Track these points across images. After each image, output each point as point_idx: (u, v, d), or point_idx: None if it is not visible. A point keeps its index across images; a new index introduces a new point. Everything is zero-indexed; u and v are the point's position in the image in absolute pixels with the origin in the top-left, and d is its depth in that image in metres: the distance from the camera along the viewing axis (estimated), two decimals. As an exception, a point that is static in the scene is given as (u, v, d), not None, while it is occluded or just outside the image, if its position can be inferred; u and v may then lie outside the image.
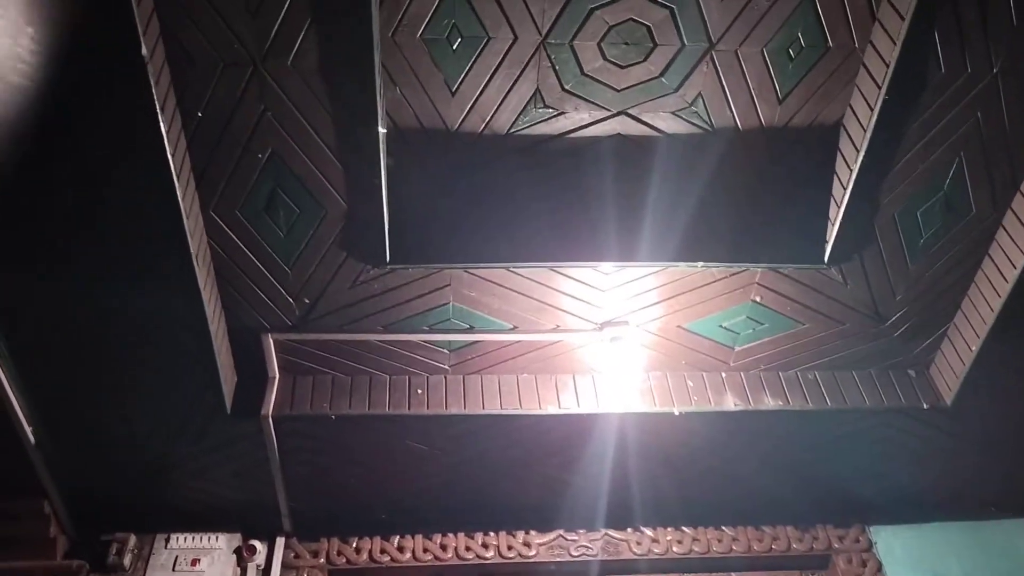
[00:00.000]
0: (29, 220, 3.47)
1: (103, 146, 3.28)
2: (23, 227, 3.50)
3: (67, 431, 4.22)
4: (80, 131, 3.23)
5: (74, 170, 3.34)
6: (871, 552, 4.89)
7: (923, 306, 4.39)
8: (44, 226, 3.51)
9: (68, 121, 3.20)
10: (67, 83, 3.08)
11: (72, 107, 3.16)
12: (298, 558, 4.67)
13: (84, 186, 3.39)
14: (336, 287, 4.06)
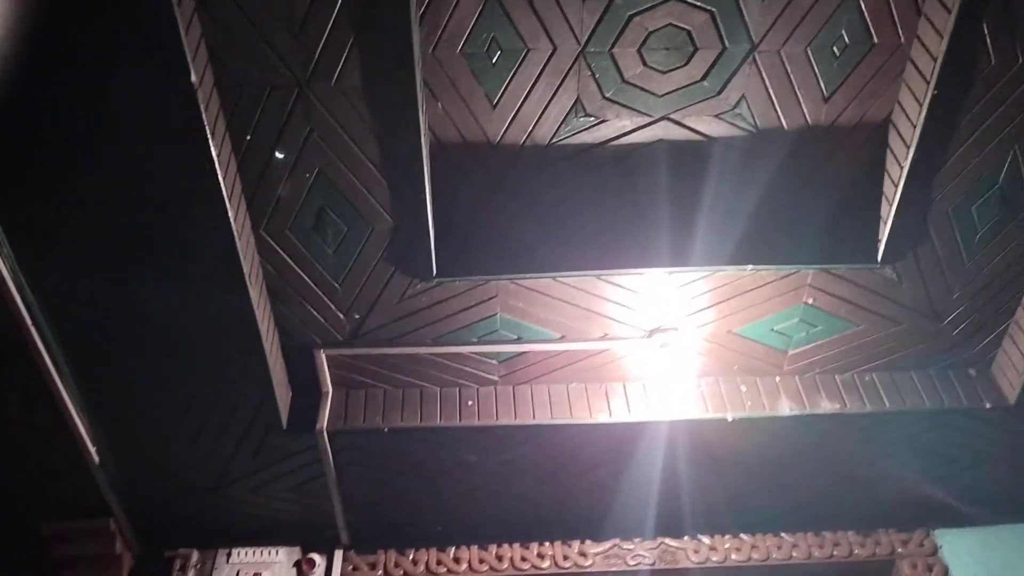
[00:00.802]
0: (86, 236, 3.57)
1: (156, 169, 3.36)
2: (82, 250, 3.60)
3: (129, 451, 4.33)
4: (134, 154, 3.32)
5: (128, 193, 3.43)
6: (936, 556, 4.77)
7: (982, 303, 4.28)
8: (102, 249, 3.61)
9: (122, 145, 3.29)
10: (119, 110, 3.16)
11: (125, 130, 3.24)
12: (356, 570, 4.72)
13: (139, 209, 3.48)
14: (385, 302, 4.10)
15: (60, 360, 3.89)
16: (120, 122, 3.22)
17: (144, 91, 3.11)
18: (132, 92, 3.12)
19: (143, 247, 3.61)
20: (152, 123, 3.21)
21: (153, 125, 3.22)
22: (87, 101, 3.15)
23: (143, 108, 3.17)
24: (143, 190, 3.43)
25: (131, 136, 3.26)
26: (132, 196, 3.44)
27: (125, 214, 3.51)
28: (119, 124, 3.23)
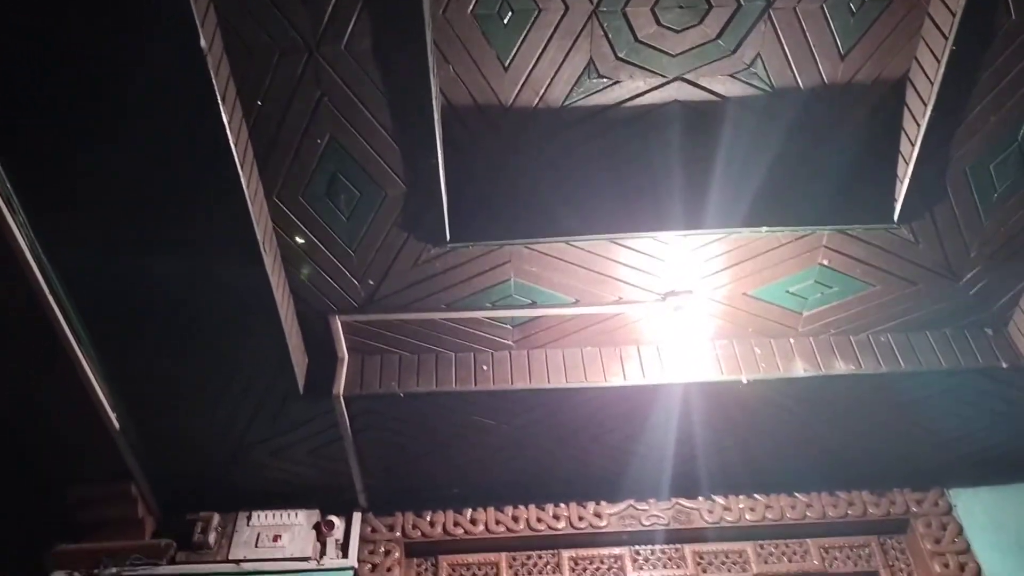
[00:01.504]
0: (100, 206, 3.59)
1: (168, 137, 3.36)
2: (98, 220, 3.63)
3: (149, 417, 4.38)
4: (145, 123, 3.32)
5: (141, 162, 3.43)
6: (951, 515, 4.78)
7: (999, 262, 4.24)
8: (117, 218, 3.63)
9: (132, 114, 3.28)
10: (129, 78, 3.16)
11: (135, 98, 3.23)
12: (375, 532, 4.78)
13: (152, 178, 3.49)
14: (399, 267, 4.11)
15: (79, 329, 3.92)
16: (130, 90, 3.20)
17: (154, 58, 3.10)
18: (142, 59, 3.10)
19: (157, 216, 3.61)
20: (163, 90, 3.20)
21: (164, 92, 3.21)
22: (97, 70, 3.14)
23: (153, 75, 3.15)
24: (155, 158, 3.42)
25: (142, 104, 3.24)
26: (145, 165, 3.44)
27: (138, 183, 3.50)
28: (129, 92, 3.21)
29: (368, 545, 4.73)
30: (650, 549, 4.79)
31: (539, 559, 4.78)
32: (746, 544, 4.80)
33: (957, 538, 4.68)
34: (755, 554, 4.76)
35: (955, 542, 4.67)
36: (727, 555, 4.77)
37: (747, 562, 4.73)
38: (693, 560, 4.73)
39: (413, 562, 4.80)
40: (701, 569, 4.71)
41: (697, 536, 4.82)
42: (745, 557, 4.75)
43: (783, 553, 4.77)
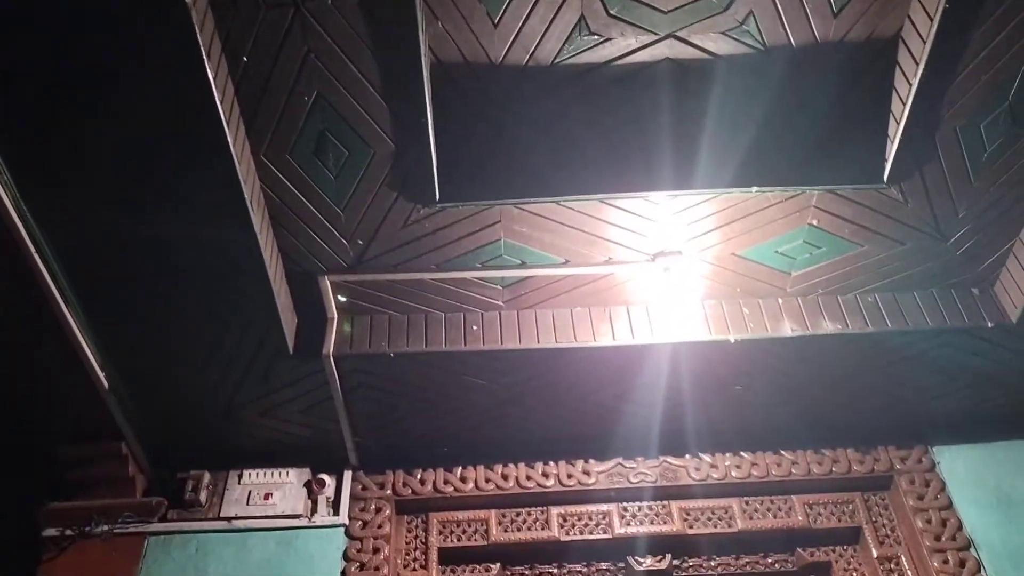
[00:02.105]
0: (85, 166, 3.55)
1: (153, 95, 3.31)
2: (83, 178, 3.59)
3: (138, 376, 4.38)
4: (130, 80, 3.27)
5: (127, 120, 3.39)
6: (934, 472, 4.86)
7: (987, 222, 4.26)
8: (103, 176, 3.59)
9: (116, 71, 3.24)
10: (111, 34, 3.10)
11: (118, 55, 3.18)
12: (365, 490, 4.82)
13: (138, 136, 3.44)
14: (388, 227, 4.09)
15: (66, 288, 3.90)
16: (114, 47, 3.15)
17: (137, 12, 3.04)
18: (126, 16, 3.05)
19: (144, 175, 3.58)
20: (146, 47, 3.15)
21: (147, 49, 3.16)
22: (80, 28, 3.08)
23: (137, 31, 3.10)
24: (141, 116, 3.37)
25: (125, 61, 3.19)
26: (130, 124, 3.40)
27: (123, 142, 3.46)
28: (113, 50, 3.16)
29: (359, 503, 4.77)
30: (637, 505, 4.85)
31: (528, 515, 4.83)
32: (732, 500, 4.86)
33: (939, 494, 4.76)
34: (740, 510, 4.83)
35: (937, 498, 4.74)
36: (713, 511, 4.83)
37: (732, 518, 4.80)
38: (680, 516, 4.80)
39: (404, 519, 4.85)
40: (687, 525, 4.78)
41: (684, 493, 4.88)
42: (731, 513, 4.82)
43: (768, 509, 4.84)
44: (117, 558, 4.45)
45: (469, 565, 4.75)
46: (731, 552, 4.83)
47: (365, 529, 4.67)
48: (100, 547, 4.48)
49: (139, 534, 4.55)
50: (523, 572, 4.80)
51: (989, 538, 4.58)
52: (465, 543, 4.75)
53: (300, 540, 4.58)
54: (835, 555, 4.78)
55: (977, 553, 4.53)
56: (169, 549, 4.51)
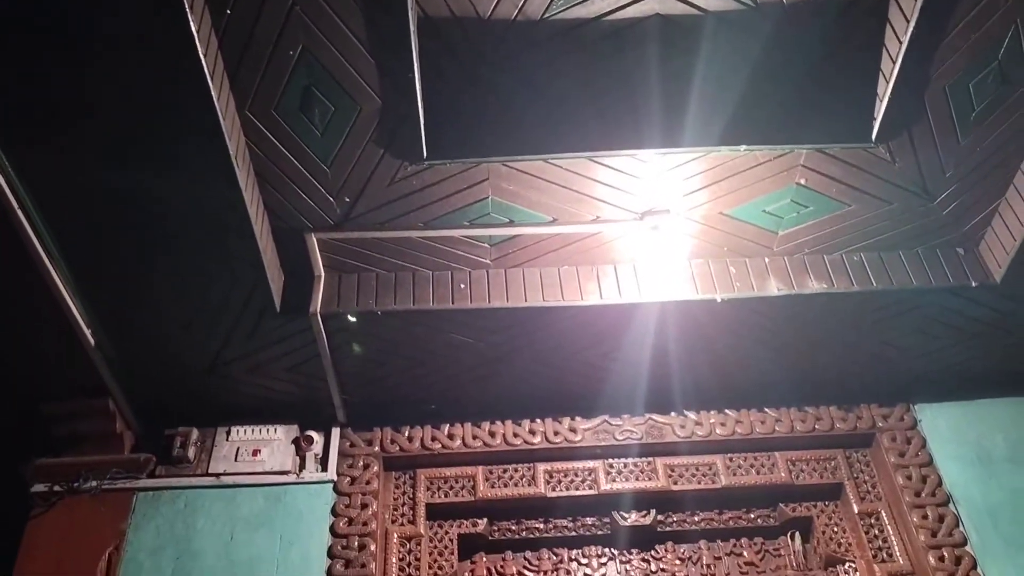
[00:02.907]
0: (68, 121, 3.51)
1: (136, 48, 3.26)
2: (67, 134, 3.54)
3: (124, 333, 4.37)
4: (113, 34, 3.21)
5: (110, 74, 3.34)
6: (916, 430, 4.92)
7: (974, 182, 4.27)
8: (86, 132, 3.55)
9: (99, 25, 3.18)
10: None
11: (101, 7, 3.12)
12: (353, 447, 4.85)
13: (122, 91, 3.39)
14: (375, 185, 4.06)
15: (50, 245, 3.88)
16: (93, 1, 3.10)
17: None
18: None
19: (128, 130, 3.53)
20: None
21: (128, 1, 3.10)
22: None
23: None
24: (124, 71, 3.32)
25: (107, 15, 3.14)
26: (113, 77, 3.34)
27: (106, 96, 3.41)
28: (93, 3, 3.10)
29: (347, 459, 4.80)
30: (623, 462, 4.91)
31: (515, 472, 4.88)
32: (716, 457, 4.92)
33: (920, 451, 4.83)
34: (724, 467, 4.89)
35: (918, 455, 4.82)
36: (697, 468, 4.89)
37: (716, 474, 4.87)
38: (664, 473, 4.86)
39: (392, 475, 4.89)
40: (672, 481, 4.84)
41: (669, 450, 4.93)
42: (715, 469, 4.88)
43: (751, 466, 4.90)
44: (105, 513, 4.47)
45: (457, 520, 4.81)
46: (714, 507, 4.90)
47: (353, 485, 4.70)
48: (88, 503, 4.50)
49: (127, 490, 4.57)
50: (510, 527, 4.86)
51: (968, 494, 4.66)
52: (453, 499, 4.80)
53: (289, 496, 4.62)
54: (816, 510, 4.86)
55: (956, 508, 4.62)
56: (158, 505, 4.54)
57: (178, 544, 4.41)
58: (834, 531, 4.78)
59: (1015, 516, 4.57)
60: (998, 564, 4.42)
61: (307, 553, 4.43)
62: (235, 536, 4.45)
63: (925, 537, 4.51)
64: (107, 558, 4.34)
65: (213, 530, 4.47)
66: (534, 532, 4.85)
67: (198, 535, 4.45)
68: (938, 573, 4.39)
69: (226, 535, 4.45)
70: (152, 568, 4.33)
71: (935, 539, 4.51)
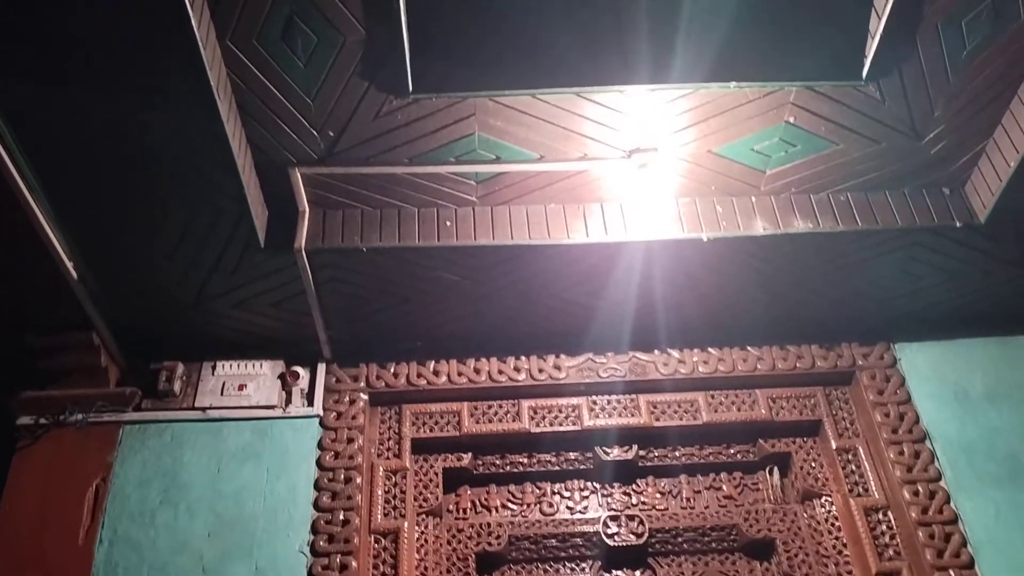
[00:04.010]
0: (46, 50, 3.43)
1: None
2: (44, 64, 3.46)
3: (107, 266, 4.34)
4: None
5: (88, 3, 3.26)
6: (895, 368, 4.99)
7: (962, 122, 4.25)
8: (65, 62, 3.47)
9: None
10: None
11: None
12: (339, 382, 4.88)
13: (100, 18, 3.31)
14: (360, 119, 4.00)
15: (30, 178, 3.82)
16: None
17: None
18: None
19: (106, 59, 3.45)
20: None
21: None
22: None
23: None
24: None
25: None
26: (94, 7, 3.26)
27: (85, 25, 3.32)
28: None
29: (333, 395, 4.83)
30: (606, 399, 4.97)
31: (499, 408, 4.93)
32: (698, 394, 4.98)
33: (899, 389, 4.91)
34: (706, 403, 4.96)
35: (897, 393, 4.89)
36: (679, 404, 4.96)
37: (698, 411, 4.94)
38: (647, 409, 4.92)
39: (377, 411, 4.93)
40: (654, 418, 4.91)
41: (652, 387, 4.99)
42: (696, 406, 4.95)
43: (732, 402, 4.97)
44: (92, 446, 4.50)
45: (442, 455, 4.87)
46: (695, 443, 4.99)
47: (339, 420, 4.75)
48: (75, 435, 4.52)
49: (114, 423, 4.59)
50: (494, 461, 4.93)
51: (944, 431, 4.75)
52: (438, 434, 4.86)
53: (275, 430, 4.66)
54: (795, 446, 4.95)
55: (932, 445, 4.71)
56: (144, 438, 4.57)
57: (165, 476, 4.46)
58: (812, 466, 4.88)
59: (989, 452, 4.67)
60: (971, 498, 4.53)
61: (294, 485, 4.49)
62: (222, 469, 4.50)
63: (901, 472, 4.61)
64: (94, 489, 4.38)
65: (200, 463, 4.51)
66: (518, 466, 4.92)
67: (185, 468, 4.49)
68: (912, 507, 4.50)
69: (213, 468, 4.50)
70: (139, 500, 4.38)
71: (910, 474, 4.61)
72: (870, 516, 4.60)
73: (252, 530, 4.33)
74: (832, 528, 4.70)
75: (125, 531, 4.29)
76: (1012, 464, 4.63)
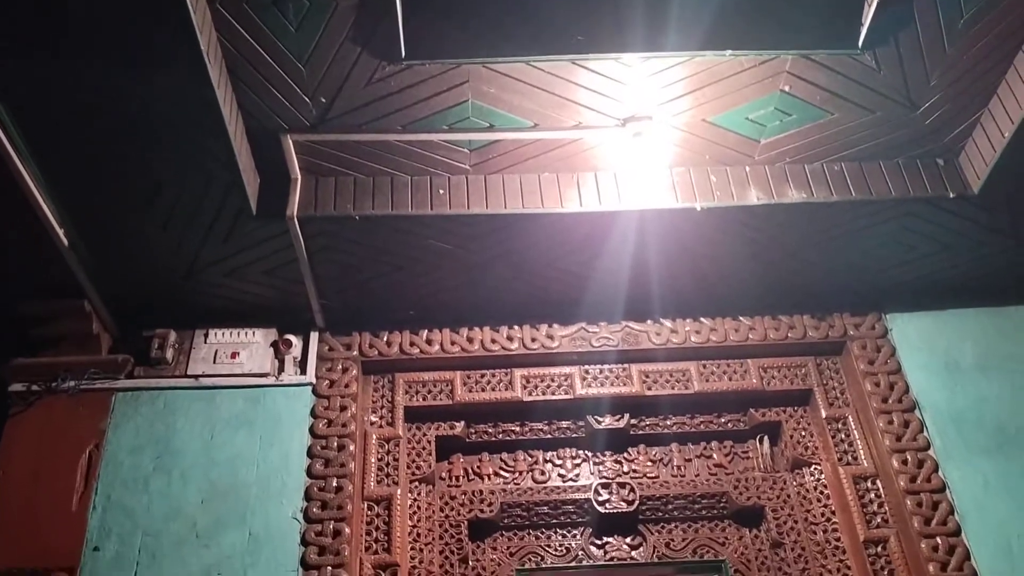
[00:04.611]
0: (35, 18, 3.39)
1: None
2: (33, 27, 3.41)
3: (98, 234, 4.31)
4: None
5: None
6: (886, 339, 5.01)
7: (958, 91, 4.23)
8: (53, 25, 3.42)
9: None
10: None
11: None
12: (332, 351, 4.88)
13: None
14: (352, 85, 3.97)
15: (19, 143, 3.78)
16: None
17: None
18: None
19: (95, 23, 3.40)
20: None
21: None
22: None
23: None
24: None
25: None
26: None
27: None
28: None
29: (326, 363, 4.84)
30: (599, 368, 4.98)
31: (492, 377, 4.95)
32: (690, 364, 5.00)
33: (890, 359, 4.93)
34: (697, 373, 4.98)
35: (887, 363, 4.92)
36: (671, 374, 4.98)
37: (689, 380, 4.96)
38: (639, 378, 4.94)
39: (370, 379, 4.94)
40: (646, 387, 4.93)
41: (644, 356, 5.00)
42: (688, 376, 4.97)
43: (724, 372, 5.00)
44: (85, 413, 4.50)
45: (435, 423, 4.89)
46: (686, 412, 5.02)
47: (332, 388, 4.75)
48: (67, 402, 4.52)
49: (106, 390, 4.58)
50: (487, 430, 4.95)
51: (933, 400, 4.78)
52: (431, 402, 4.88)
53: (268, 397, 4.66)
54: (785, 415, 4.98)
55: (921, 414, 4.74)
56: (137, 405, 4.57)
57: (158, 443, 4.46)
58: (802, 435, 4.92)
59: (978, 421, 4.70)
60: (959, 467, 4.57)
61: (287, 452, 4.50)
62: (215, 436, 4.51)
63: (890, 441, 4.65)
64: (87, 456, 4.39)
65: (193, 430, 4.52)
66: (510, 435, 4.95)
67: (178, 435, 4.50)
68: (900, 475, 4.54)
69: (206, 435, 4.51)
70: (133, 466, 4.39)
71: (899, 443, 4.65)
72: (859, 484, 4.65)
73: (245, 497, 4.35)
74: (821, 496, 4.75)
75: (119, 497, 4.31)
76: (1000, 434, 4.67)
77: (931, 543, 4.35)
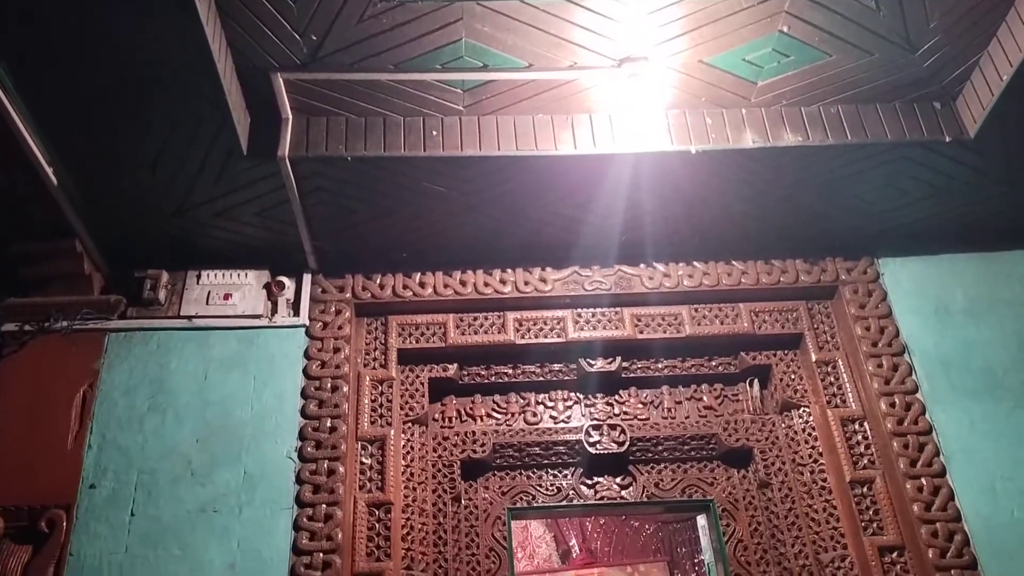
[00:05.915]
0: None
1: None
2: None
3: (88, 173, 4.26)
4: None
5: None
6: (878, 283, 5.03)
7: (957, 33, 4.18)
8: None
9: None
10: None
11: None
12: (325, 293, 4.88)
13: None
14: (343, 22, 3.90)
15: (7, 81, 3.72)
16: None
17: None
18: None
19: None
20: None
21: None
22: None
23: None
24: None
25: None
26: None
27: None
28: None
29: (319, 305, 4.84)
30: (591, 312, 5.00)
31: (485, 320, 4.96)
32: (682, 308, 5.02)
33: (881, 304, 4.95)
34: (689, 317, 5.01)
35: (878, 307, 4.94)
36: (663, 317, 5.00)
37: (681, 324, 4.99)
38: (631, 322, 4.96)
39: (363, 321, 4.95)
40: (638, 331, 4.95)
41: (637, 300, 5.02)
42: (680, 319, 5.00)
43: (715, 316, 5.02)
44: (78, 353, 4.51)
45: (428, 365, 4.92)
46: (678, 356, 5.06)
47: (325, 330, 4.76)
48: (60, 342, 4.52)
49: (99, 330, 4.59)
50: (479, 372, 4.99)
51: (923, 344, 4.82)
52: (424, 344, 4.90)
53: (261, 339, 4.67)
54: (775, 359, 5.02)
55: (910, 358, 4.78)
56: (130, 346, 4.58)
57: (152, 384, 4.49)
58: (791, 378, 4.96)
59: (966, 365, 4.75)
60: (946, 410, 4.63)
61: (281, 393, 4.53)
62: (209, 376, 4.53)
63: (878, 384, 4.70)
64: (82, 396, 4.41)
65: (186, 371, 4.54)
66: (503, 377, 4.99)
67: (172, 375, 4.52)
68: (888, 418, 4.60)
69: (200, 375, 4.53)
70: (127, 406, 4.42)
71: (888, 386, 4.70)
72: (846, 426, 4.71)
73: (240, 436, 4.39)
74: (809, 438, 4.82)
75: (113, 436, 4.34)
76: (988, 377, 4.72)
77: (916, 484, 4.43)
